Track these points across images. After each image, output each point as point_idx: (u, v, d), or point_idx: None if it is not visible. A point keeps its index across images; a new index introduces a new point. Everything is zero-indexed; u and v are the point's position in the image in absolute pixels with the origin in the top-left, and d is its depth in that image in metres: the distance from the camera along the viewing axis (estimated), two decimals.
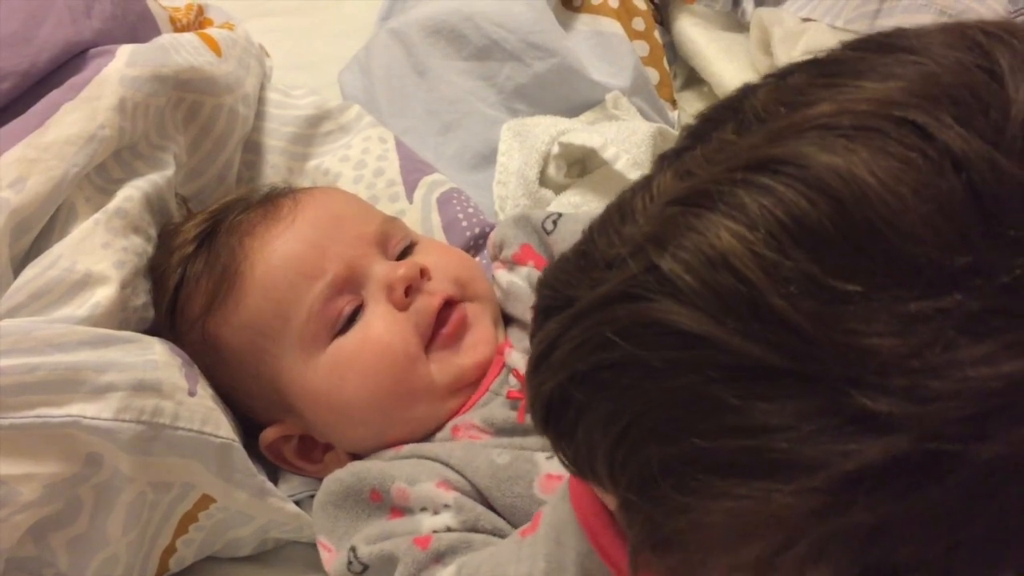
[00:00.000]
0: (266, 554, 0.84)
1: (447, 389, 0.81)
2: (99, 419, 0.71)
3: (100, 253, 0.80)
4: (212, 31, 0.98)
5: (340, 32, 1.28)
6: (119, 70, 0.85)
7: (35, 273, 0.78)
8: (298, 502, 0.82)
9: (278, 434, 0.83)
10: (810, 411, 0.41)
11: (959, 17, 0.99)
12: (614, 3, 1.15)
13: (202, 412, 0.76)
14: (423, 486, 0.74)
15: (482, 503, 0.74)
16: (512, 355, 0.82)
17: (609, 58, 1.11)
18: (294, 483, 0.84)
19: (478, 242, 0.96)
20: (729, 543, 0.45)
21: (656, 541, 0.47)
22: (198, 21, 1.06)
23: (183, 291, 0.84)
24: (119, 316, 0.80)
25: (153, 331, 0.83)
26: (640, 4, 1.16)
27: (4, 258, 0.78)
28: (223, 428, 0.77)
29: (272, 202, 0.86)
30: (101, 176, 0.84)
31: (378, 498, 0.75)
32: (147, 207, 0.85)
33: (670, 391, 0.43)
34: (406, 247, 0.86)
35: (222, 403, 0.81)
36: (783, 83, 0.48)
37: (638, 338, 0.44)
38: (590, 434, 0.47)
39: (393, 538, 0.72)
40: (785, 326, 0.41)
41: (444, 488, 0.73)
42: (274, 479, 0.83)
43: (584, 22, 1.14)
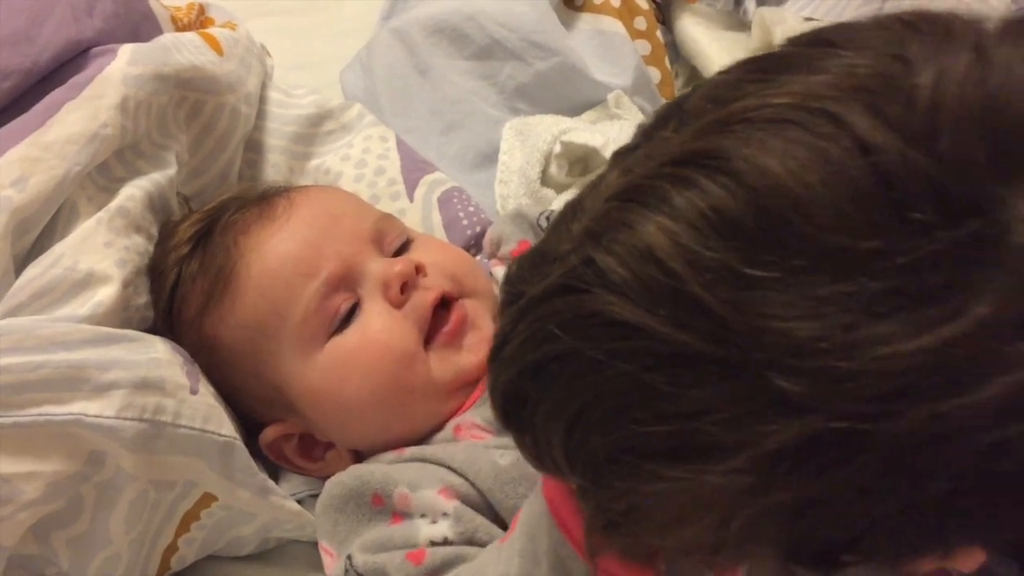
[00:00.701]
0: (268, 553, 0.84)
1: (447, 387, 0.80)
2: (102, 417, 0.71)
3: (102, 252, 0.80)
4: (214, 30, 0.99)
5: (341, 32, 1.29)
6: (121, 69, 0.85)
7: (37, 272, 0.77)
8: (300, 501, 0.82)
9: (279, 433, 0.83)
10: (735, 395, 0.43)
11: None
12: (616, 2, 1.15)
13: (204, 410, 0.76)
14: (425, 492, 0.73)
15: (485, 506, 0.74)
16: None
17: (611, 57, 1.11)
18: (295, 482, 0.84)
19: (479, 241, 0.96)
20: (669, 524, 0.47)
21: (605, 524, 0.49)
22: (199, 20, 1.06)
23: (179, 291, 0.84)
24: (121, 315, 0.80)
25: (155, 330, 0.83)
26: (642, 3, 1.16)
27: (6, 257, 0.78)
28: (225, 426, 0.77)
29: (267, 201, 0.86)
30: (103, 175, 0.84)
31: (380, 502, 0.74)
32: (149, 206, 0.85)
33: (610, 380, 0.45)
34: (402, 244, 0.86)
35: (223, 402, 0.81)
36: (719, 80, 0.49)
37: (579, 330, 0.46)
38: (545, 426, 0.49)
39: (388, 551, 0.71)
40: (706, 314, 0.43)
41: (446, 496, 0.73)
42: (275, 479, 0.83)
43: (586, 21, 1.14)
